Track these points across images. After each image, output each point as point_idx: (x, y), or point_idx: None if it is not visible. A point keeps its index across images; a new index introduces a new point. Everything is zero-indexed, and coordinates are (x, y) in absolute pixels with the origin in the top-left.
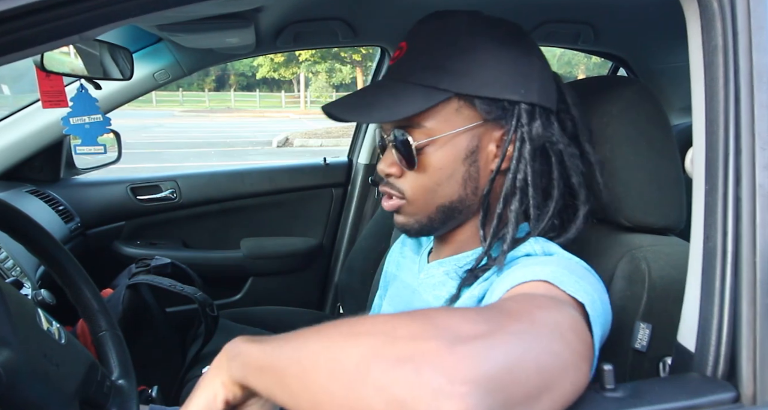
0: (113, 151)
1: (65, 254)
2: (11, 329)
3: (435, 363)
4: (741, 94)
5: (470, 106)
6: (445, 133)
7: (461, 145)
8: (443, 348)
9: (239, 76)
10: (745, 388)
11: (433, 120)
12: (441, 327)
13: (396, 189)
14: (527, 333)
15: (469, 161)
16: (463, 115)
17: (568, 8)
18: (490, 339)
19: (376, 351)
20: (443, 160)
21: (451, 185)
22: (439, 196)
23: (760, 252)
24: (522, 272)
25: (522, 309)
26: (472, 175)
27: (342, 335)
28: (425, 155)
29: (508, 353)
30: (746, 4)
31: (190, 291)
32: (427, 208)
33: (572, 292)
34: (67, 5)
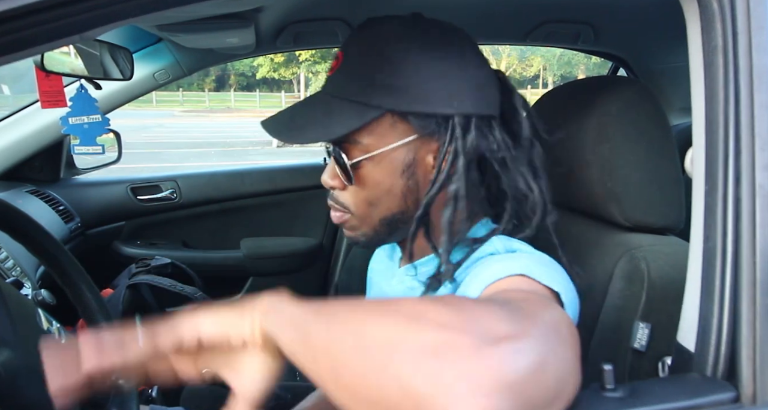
0: (113, 151)
1: (65, 254)
2: (11, 329)
3: (459, 361)
4: (741, 94)
5: (404, 120)
6: (380, 149)
7: (397, 159)
8: (471, 348)
9: (239, 76)
10: (745, 388)
11: (367, 136)
12: (471, 321)
13: (339, 202)
14: (544, 337)
15: (407, 175)
16: (397, 130)
17: (568, 8)
18: (517, 343)
19: (403, 336)
20: (380, 175)
21: (391, 199)
22: (380, 209)
23: (760, 252)
24: (495, 268)
25: (532, 310)
26: (411, 188)
27: (372, 312)
28: (362, 170)
29: (532, 359)
30: (746, 5)
31: (190, 291)
32: (370, 221)
33: (547, 283)
34: (67, 5)
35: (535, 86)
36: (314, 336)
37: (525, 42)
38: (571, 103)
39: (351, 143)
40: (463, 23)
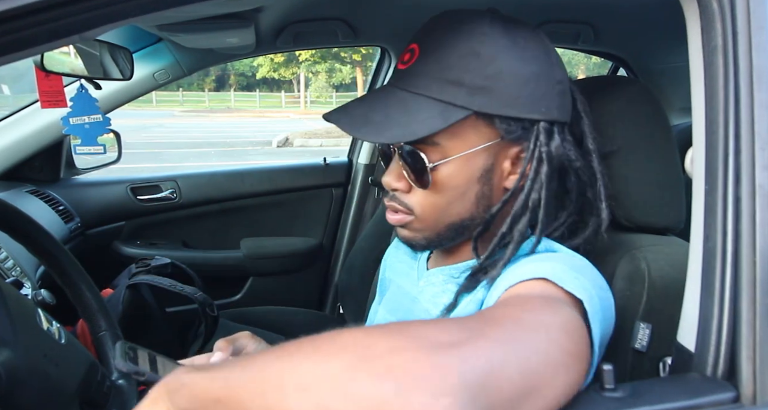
0: (113, 151)
1: (65, 254)
2: (11, 329)
3: (415, 375)
4: (741, 94)
5: (488, 123)
6: (461, 152)
7: (477, 164)
8: (422, 359)
9: (239, 76)
10: (745, 388)
11: (448, 138)
12: (417, 338)
13: (404, 205)
14: (509, 336)
15: (484, 180)
16: (480, 133)
17: (568, 8)
18: (468, 345)
19: (354, 366)
20: (457, 179)
21: (464, 204)
22: (449, 214)
23: (760, 252)
24: (522, 270)
25: (507, 314)
26: (485, 194)
27: (310, 354)
28: (438, 174)
29: (487, 358)
30: (746, 5)
31: (190, 291)
32: (436, 226)
33: (570, 289)
34: (67, 5)
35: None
36: (249, 397)
37: None
38: None
39: (428, 144)
40: None
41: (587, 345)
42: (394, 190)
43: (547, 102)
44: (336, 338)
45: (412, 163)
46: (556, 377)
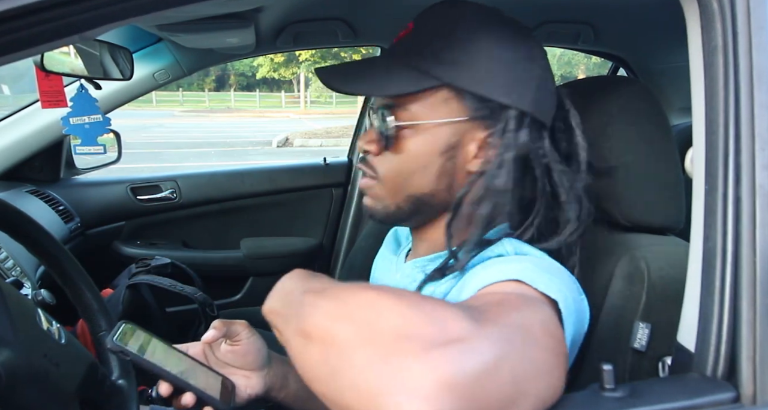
0: (113, 151)
1: (65, 254)
2: (11, 329)
3: (409, 364)
4: (741, 94)
5: (459, 99)
6: (427, 120)
7: (442, 137)
8: (417, 351)
9: (239, 76)
10: (745, 388)
11: (418, 105)
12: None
13: (370, 167)
14: (503, 338)
15: (447, 156)
16: (449, 107)
17: (568, 8)
18: (469, 343)
19: (358, 342)
20: (420, 147)
21: (425, 176)
22: (410, 184)
23: (760, 252)
24: (492, 271)
25: (498, 311)
26: (447, 170)
27: (333, 312)
28: (403, 138)
29: (482, 361)
30: (746, 5)
31: (190, 291)
32: (396, 194)
33: (543, 290)
34: (67, 5)
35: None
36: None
37: None
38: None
39: (400, 108)
40: None
41: (564, 344)
42: (366, 153)
43: (519, 90)
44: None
45: (380, 121)
46: (541, 382)
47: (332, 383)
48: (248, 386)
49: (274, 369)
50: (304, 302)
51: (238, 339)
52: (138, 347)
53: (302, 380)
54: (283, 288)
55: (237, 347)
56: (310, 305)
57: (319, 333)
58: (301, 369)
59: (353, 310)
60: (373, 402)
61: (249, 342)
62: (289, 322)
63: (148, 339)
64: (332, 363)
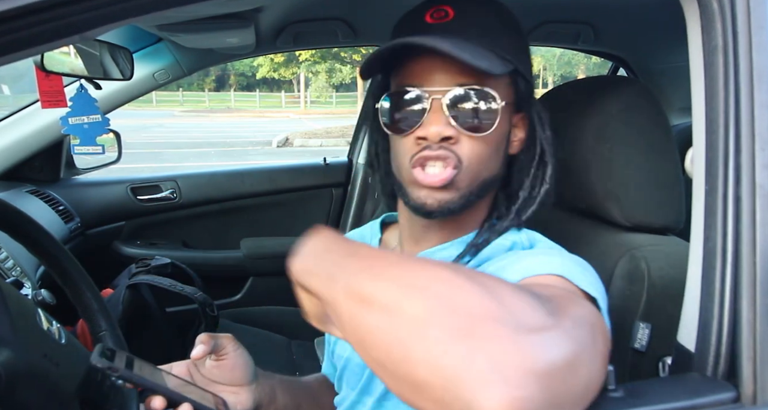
0: (113, 151)
1: (65, 254)
2: (11, 329)
3: (493, 347)
4: (741, 94)
5: (513, 83)
6: (503, 102)
7: (507, 118)
8: (505, 336)
9: (239, 76)
10: (745, 388)
11: (495, 87)
12: (505, 309)
13: (454, 154)
14: (579, 334)
15: (507, 137)
16: (508, 91)
17: (568, 8)
18: (553, 334)
19: (437, 311)
20: (500, 129)
21: (497, 159)
22: (488, 168)
23: (760, 252)
24: (530, 262)
25: (567, 305)
26: (505, 153)
27: (409, 283)
28: (492, 121)
29: (568, 353)
30: (746, 4)
31: (190, 291)
32: (474, 181)
33: (584, 287)
34: (67, 5)
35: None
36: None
37: None
38: (571, 103)
39: (480, 91)
40: None
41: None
42: (443, 140)
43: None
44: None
45: (476, 105)
46: (599, 379)
47: (398, 353)
48: (238, 402)
49: (262, 383)
50: (359, 265)
51: (224, 353)
52: (124, 364)
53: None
54: (316, 247)
55: (223, 361)
56: (370, 268)
57: (385, 300)
58: (355, 334)
59: (426, 283)
60: (451, 380)
61: (236, 356)
62: (335, 282)
63: (131, 358)
64: (400, 334)
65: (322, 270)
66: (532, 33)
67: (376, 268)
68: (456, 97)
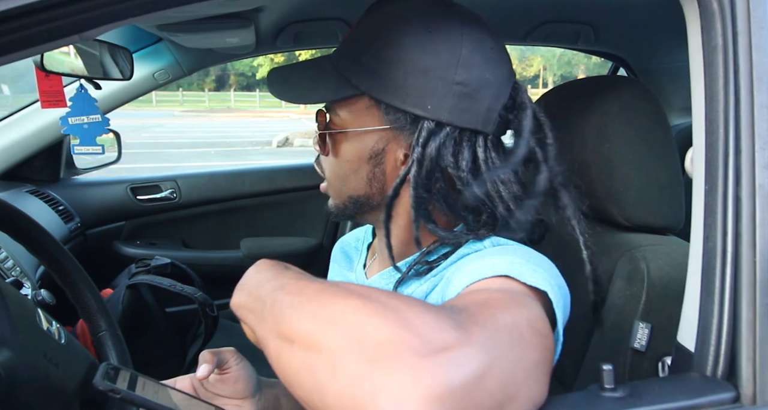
0: (113, 151)
1: (65, 254)
2: (11, 329)
3: (398, 375)
4: (741, 94)
5: (379, 108)
6: (352, 128)
7: (367, 144)
8: (407, 358)
9: (239, 76)
10: (745, 388)
11: (345, 111)
12: (411, 333)
13: (319, 166)
14: (490, 343)
15: (374, 162)
16: (371, 115)
17: (568, 8)
18: (457, 352)
19: (345, 349)
20: (349, 153)
21: (357, 180)
22: (348, 186)
23: (760, 252)
24: (478, 266)
25: (484, 313)
26: (377, 176)
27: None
28: (336, 143)
29: (471, 370)
30: (746, 4)
31: (190, 291)
32: (340, 195)
33: (533, 282)
34: (67, 5)
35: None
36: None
37: (525, 42)
38: (571, 103)
39: (333, 113)
40: None
41: (551, 338)
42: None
43: (436, 100)
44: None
45: (317, 126)
46: (529, 384)
47: (316, 390)
48: None
49: (265, 394)
50: (283, 302)
51: (227, 367)
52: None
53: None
54: (251, 281)
55: (227, 375)
56: (290, 306)
57: (304, 338)
58: (281, 373)
59: (340, 316)
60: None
61: (239, 369)
62: (264, 321)
63: (135, 376)
64: (316, 370)
65: (254, 306)
66: (532, 33)
67: (297, 304)
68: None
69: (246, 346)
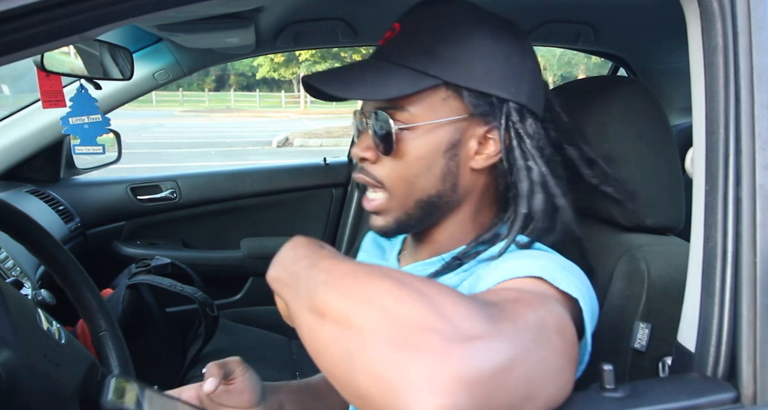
0: (113, 151)
1: (65, 254)
2: (11, 329)
3: (425, 357)
4: (741, 94)
5: (458, 97)
6: (428, 121)
7: (443, 136)
8: (438, 344)
9: (239, 76)
10: (745, 388)
11: (418, 106)
12: (443, 319)
13: (371, 176)
14: (519, 338)
15: (449, 154)
16: (449, 106)
17: (568, 8)
18: (487, 342)
19: (377, 327)
20: (422, 149)
21: (429, 178)
22: (417, 188)
23: (760, 252)
24: (513, 265)
25: (515, 310)
26: (451, 170)
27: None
28: (405, 142)
29: (500, 360)
30: (746, 5)
31: (190, 291)
32: (405, 202)
33: (565, 288)
34: (67, 5)
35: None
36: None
37: None
38: (571, 103)
39: (398, 110)
40: None
41: (576, 345)
42: (363, 161)
43: (516, 83)
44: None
45: (380, 128)
46: (551, 383)
47: (345, 364)
48: None
49: (269, 400)
50: (317, 278)
51: (233, 378)
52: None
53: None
54: (287, 256)
55: (232, 386)
56: (325, 283)
57: (336, 313)
58: (311, 345)
59: (373, 295)
60: (388, 390)
61: (244, 379)
62: (298, 295)
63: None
64: (347, 345)
65: (290, 280)
66: (532, 33)
67: (331, 282)
68: (374, 119)
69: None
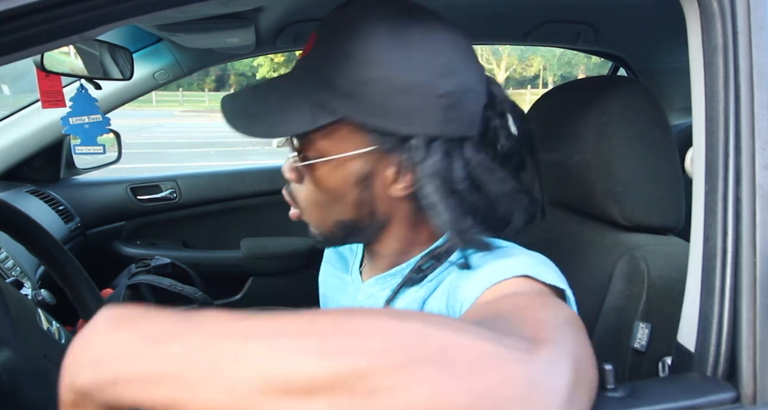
0: (113, 151)
1: (65, 254)
2: (11, 329)
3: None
4: (741, 94)
5: (362, 131)
6: (335, 155)
7: (352, 169)
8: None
9: (239, 76)
10: (745, 388)
11: (323, 139)
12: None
13: (291, 195)
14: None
15: (362, 186)
16: (354, 140)
17: (568, 8)
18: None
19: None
20: (332, 181)
21: (343, 206)
22: (333, 213)
23: (760, 252)
24: (492, 268)
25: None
26: (365, 200)
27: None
28: (315, 172)
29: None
30: (746, 4)
31: (190, 291)
32: (323, 222)
33: (551, 281)
34: (67, 5)
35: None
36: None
37: (525, 42)
38: (571, 103)
39: (308, 142)
40: (462, 23)
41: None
42: (289, 180)
43: (423, 116)
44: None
45: (293, 155)
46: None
47: None
48: None
49: None
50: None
51: None
52: None
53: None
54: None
55: None
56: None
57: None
58: None
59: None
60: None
61: None
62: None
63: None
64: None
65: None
66: (532, 33)
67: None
68: (291, 143)
69: None
